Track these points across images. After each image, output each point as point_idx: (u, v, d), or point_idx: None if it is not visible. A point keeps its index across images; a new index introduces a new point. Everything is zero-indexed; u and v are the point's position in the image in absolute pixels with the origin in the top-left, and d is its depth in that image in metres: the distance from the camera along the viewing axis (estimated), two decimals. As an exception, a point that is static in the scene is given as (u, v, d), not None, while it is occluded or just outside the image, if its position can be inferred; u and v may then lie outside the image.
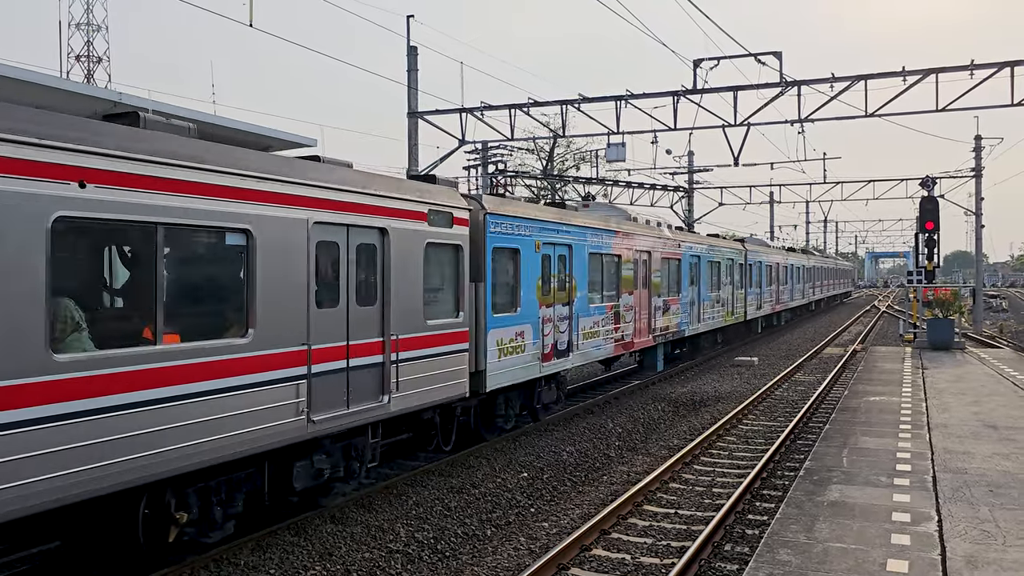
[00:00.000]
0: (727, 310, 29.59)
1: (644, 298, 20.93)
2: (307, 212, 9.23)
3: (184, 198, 7.75)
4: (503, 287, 14.08)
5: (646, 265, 20.98)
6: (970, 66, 21.78)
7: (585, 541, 9.59)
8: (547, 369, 15.42)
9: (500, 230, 13.81)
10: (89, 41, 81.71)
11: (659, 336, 22.18)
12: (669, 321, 22.76)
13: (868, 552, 7.41)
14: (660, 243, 22.03)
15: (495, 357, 13.50)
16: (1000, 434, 12.73)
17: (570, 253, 16.40)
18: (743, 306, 32.33)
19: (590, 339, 17.34)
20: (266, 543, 9.43)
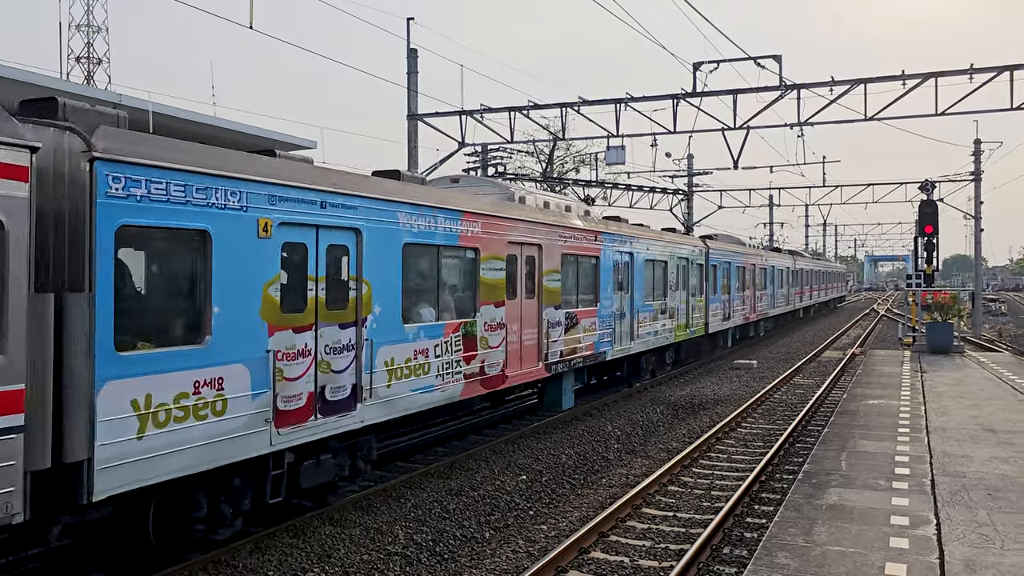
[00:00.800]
0: (679, 322, 23.98)
1: (529, 311, 15.09)
2: None
3: None
4: (151, 299, 8.11)
5: (532, 264, 15.24)
6: (969, 70, 21.80)
7: (583, 544, 9.59)
8: (292, 438, 9.29)
9: (142, 193, 7.60)
10: (89, 43, 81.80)
11: (561, 363, 16.27)
12: (578, 342, 16.99)
13: (866, 555, 7.42)
14: (559, 234, 16.23)
15: (126, 431, 7.40)
16: (999, 438, 12.73)
17: (358, 242, 10.45)
18: (703, 316, 26.56)
19: (404, 378, 11.33)
20: (265, 545, 9.43)
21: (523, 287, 14.92)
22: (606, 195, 41.86)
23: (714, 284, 27.98)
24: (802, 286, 49.24)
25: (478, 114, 25.98)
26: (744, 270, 32.67)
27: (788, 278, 43.51)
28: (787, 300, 43.44)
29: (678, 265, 23.98)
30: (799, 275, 47.88)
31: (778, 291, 40.49)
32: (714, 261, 28.01)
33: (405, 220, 11.37)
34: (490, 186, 17.15)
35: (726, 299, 29.69)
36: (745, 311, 33.18)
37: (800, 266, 48.36)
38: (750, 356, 30.54)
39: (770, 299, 38.39)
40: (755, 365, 27.87)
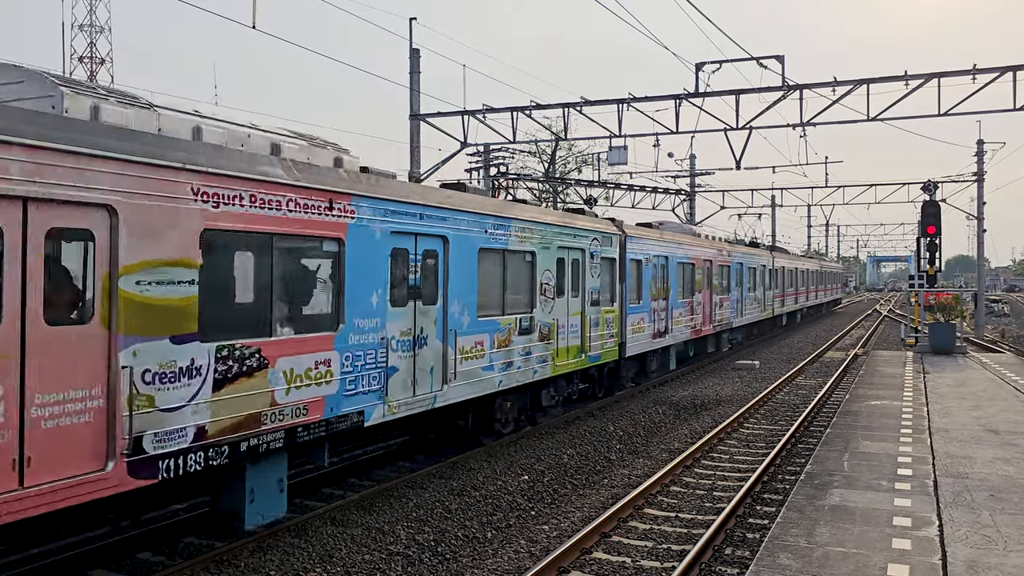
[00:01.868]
0: (566, 344, 16.34)
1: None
2: None
3: None
4: None
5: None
6: (972, 70, 21.77)
7: (585, 544, 9.59)
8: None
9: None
10: (92, 42, 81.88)
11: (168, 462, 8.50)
12: (234, 408, 8.64)
13: (869, 556, 7.41)
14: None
15: None
16: (1002, 439, 12.71)
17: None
18: (616, 334, 18.90)
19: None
20: (267, 544, 9.43)
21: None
22: (608, 195, 41.87)
23: (637, 287, 20.56)
24: (784, 288, 41.65)
25: (480, 114, 25.98)
26: (692, 268, 25.03)
27: (764, 279, 36.19)
28: (763, 305, 36.07)
29: (564, 259, 16.30)
30: (780, 275, 40.34)
31: (749, 295, 33.00)
32: (636, 255, 20.49)
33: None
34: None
35: (659, 307, 22.02)
36: (695, 322, 25.42)
37: (782, 264, 40.82)
38: (752, 357, 30.52)
39: (736, 305, 30.72)
40: (757, 366, 27.86)
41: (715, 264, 27.66)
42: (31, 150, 6.73)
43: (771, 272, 37.85)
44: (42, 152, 6.81)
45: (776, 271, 39.21)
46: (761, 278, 35.56)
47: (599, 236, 18.13)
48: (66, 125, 7.20)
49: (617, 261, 19.09)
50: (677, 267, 23.54)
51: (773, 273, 38.37)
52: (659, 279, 22.32)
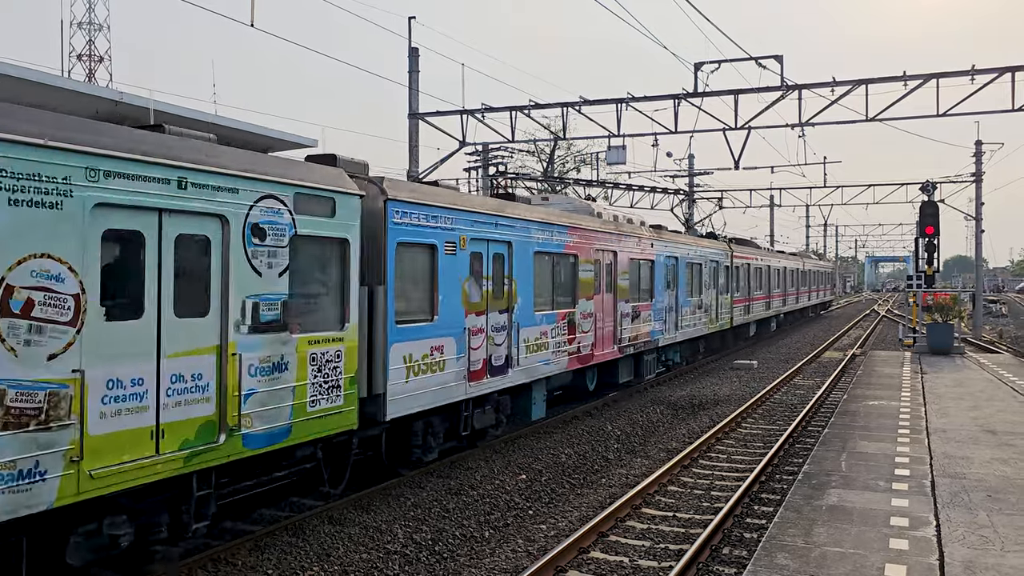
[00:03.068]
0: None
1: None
2: None
3: None
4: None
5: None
6: (971, 71, 21.78)
7: (583, 544, 9.59)
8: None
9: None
10: (91, 40, 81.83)
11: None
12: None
13: (866, 556, 7.41)
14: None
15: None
16: (999, 439, 12.72)
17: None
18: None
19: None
20: (264, 543, 9.42)
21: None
22: (607, 195, 41.89)
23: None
24: (750, 291, 33.72)
25: (479, 113, 25.97)
26: (572, 264, 16.90)
27: (716, 279, 28.14)
28: (714, 314, 27.87)
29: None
30: (743, 274, 32.57)
31: (690, 301, 24.78)
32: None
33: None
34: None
35: (492, 324, 13.75)
36: (579, 344, 17.05)
37: (745, 261, 33.04)
38: (750, 357, 30.53)
39: (667, 315, 22.47)
40: (755, 365, 27.87)
41: (625, 259, 19.37)
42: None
43: (730, 271, 30.30)
44: None
45: (738, 269, 31.82)
46: (712, 278, 27.67)
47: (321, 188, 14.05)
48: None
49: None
50: (535, 261, 15.10)
51: (733, 272, 30.86)
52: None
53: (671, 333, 23.18)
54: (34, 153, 6.64)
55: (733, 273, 30.86)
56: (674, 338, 23.66)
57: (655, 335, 21.68)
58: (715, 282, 28.21)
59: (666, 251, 22.70)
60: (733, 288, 30.77)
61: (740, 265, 32.35)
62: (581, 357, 17.19)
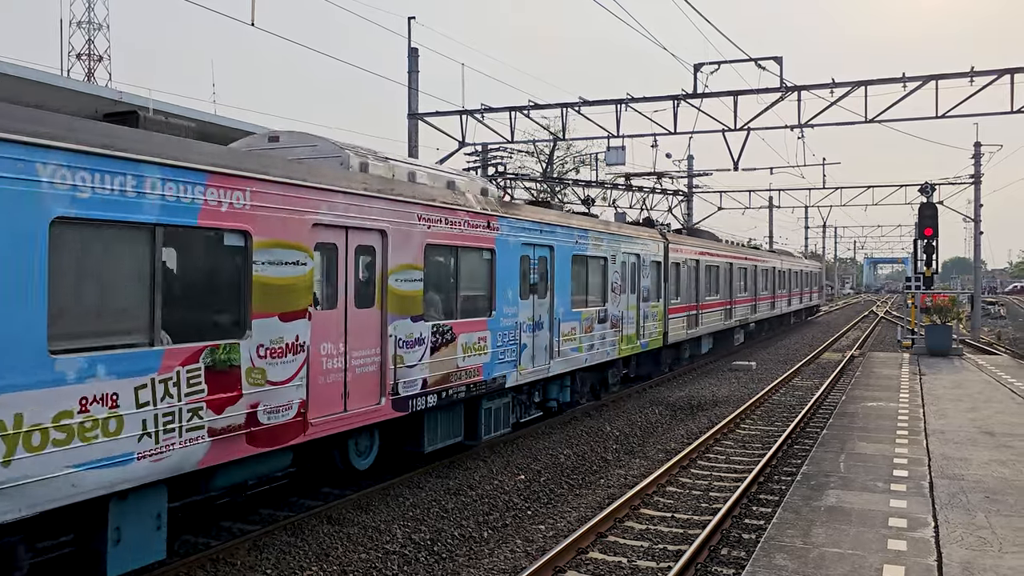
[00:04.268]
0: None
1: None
2: None
3: None
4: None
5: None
6: (970, 73, 21.80)
7: (581, 544, 9.60)
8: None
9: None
10: (90, 39, 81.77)
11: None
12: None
13: (864, 557, 7.42)
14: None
15: None
16: (997, 441, 12.74)
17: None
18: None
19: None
20: (263, 543, 9.43)
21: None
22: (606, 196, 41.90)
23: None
24: (698, 295, 25.93)
25: (478, 113, 25.98)
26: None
27: (633, 280, 20.21)
28: (628, 330, 19.77)
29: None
30: (686, 275, 24.85)
31: (569, 312, 16.48)
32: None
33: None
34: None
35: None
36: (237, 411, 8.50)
37: (692, 256, 25.37)
38: (749, 358, 30.55)
39: (510, 335, 14.20)
40: (754, 366, 27.89)
41: (409, 242, 11.43)
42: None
43: (664, 269, 22.53)
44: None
45: (678, 267, 23.95)
46: (630, 279, 19.88)
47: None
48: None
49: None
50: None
51: (670, 271, 23.13)
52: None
53: (538, 364, 15.11)
54: None
55: (669, 272, 23.16)
56: (544, 372, 15.36)
57: (496, 369, 13.64)
58: (634, 285, 20.15)
59: (523, 236, 14.52)
60: (669, 292, 23.05)
61: (682, 262, 24.30)
62: (254, 435, 8.68)
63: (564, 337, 16.18)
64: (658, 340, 22.29)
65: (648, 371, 23.63)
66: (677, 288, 24.05)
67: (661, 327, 22.44)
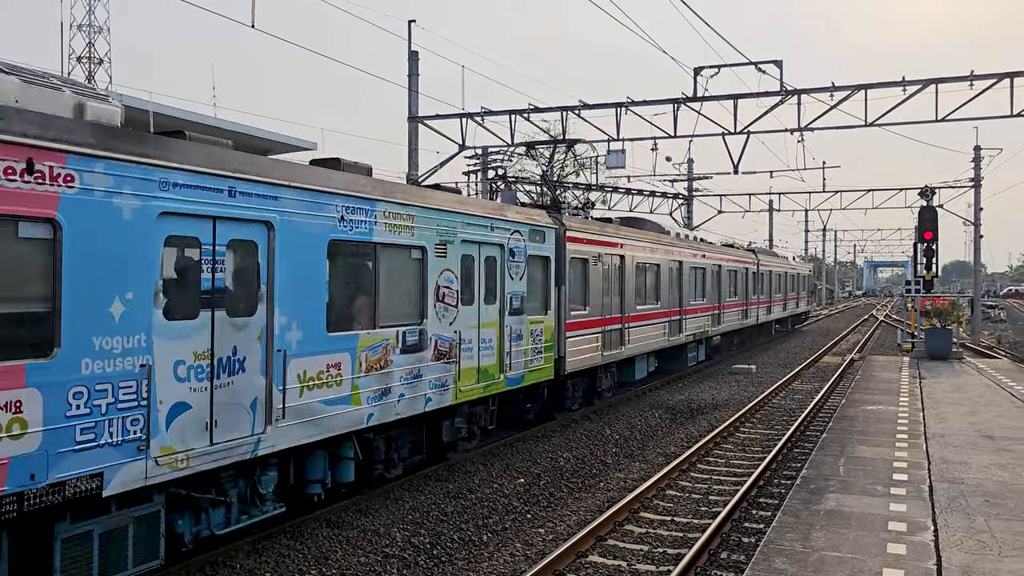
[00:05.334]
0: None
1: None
2: None
3: None
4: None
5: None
6: (970, 76, 21.81)
7: (581, 547, 9.59)
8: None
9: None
10: (91, 42, 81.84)
11: None
12: None
13: (864, 561, 7.42)
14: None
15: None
16: (997, 444, 12.74)
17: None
18: None
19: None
20: (262, 546, 9.42)
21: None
22: (606, 199, 41.92)
23: None
24: (624, 307, 19.69)
25: (479, 117, 25.99)
26: None
27: (481, 284, 13.35)
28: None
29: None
30: (603, 277, 18.48)
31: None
32: None
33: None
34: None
35: None
36: None
37: (602, 249, 18.42)
38: (748, 361, 30.54)
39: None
40: (754, 370, 27.88)
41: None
42: None
43: (555, 268, 16.05)
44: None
45: (584, 265, 17.42)
46: (481, 282, 13.43)
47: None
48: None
49: None
50: None
51: (565, 271, 16.39)
52: None
53: (226, 435, 8.43)
54: None
55: (566, 272, 16.32)
56: (248, 446, 8.72)
57: (65, 465, 6.80)
58: (493, 290, 13.73)
59: (167, 198, 7.83)
60: (565, 300, 16.23)
61: (592, 258, 17.63)
62: None
63: (310, 382, 9.51)
64: (546, 370, 15.58)
65: (527, 414, 16.29)
66: (584, 294, 17.40)
67: (552, 351, 15.81)
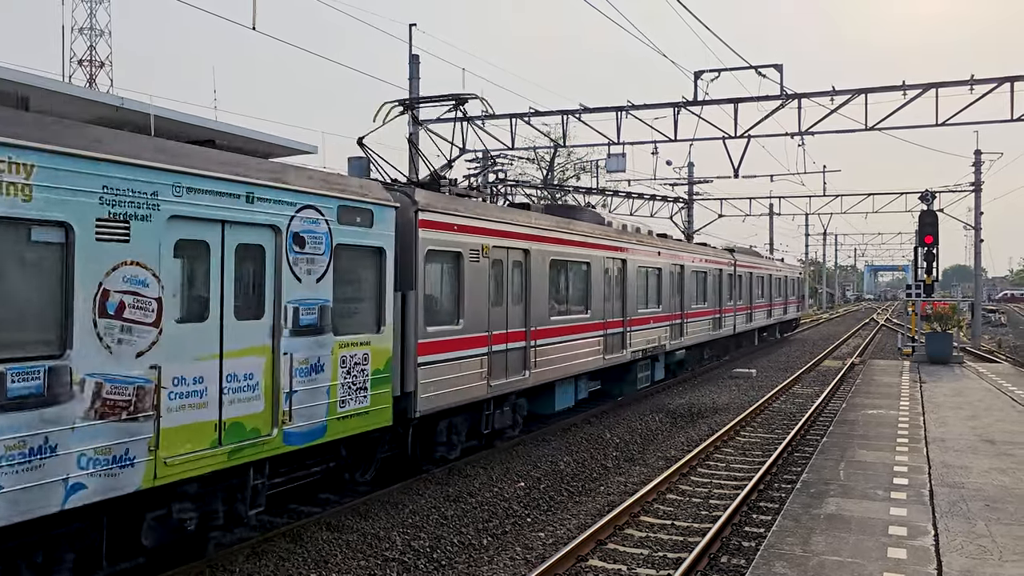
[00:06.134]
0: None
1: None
2: None
3: None
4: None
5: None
6: (970, 81, 21.84)
7: (581, 552, 9.58)
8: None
9: None
10: (92, 46, 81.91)
11: None
12: None
13: (864, 566, 7.41)
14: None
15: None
16: (997, 449, 12.73)
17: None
18: None
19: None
20: (262, 549, 9.41)
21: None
22: (606, 202, 41.94)
23: None
24: (528, 317, 14.56)
25: (479, 120, 26.01)
26: None
27: (236, 292, 8.44)
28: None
29: None
30: (480, 276, 13.09)
31: None
32: None
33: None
34: None
35: None
36: None
37: (483, 238, 13.18)
38: (749, 365, 30.53)
39: None
40: (754, 374, 27.87)
41: None
42: None
43: (397, 266, 11.23)
44: None
45: (457, 262, 12.67)
46: (233, 289, 8.43)
47: None
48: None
49: None
50: None
51: (420, 269, 11.64)
52: None
53: None
54: None
55: (421, 272, 11.80)
56: None
57: None
58: (262, 301, 8.93)
59: None
60: (418, 311, 11.68)
61: (463, 251, 12.81)
62: None
63: None
64: (376, 415, 10.63)
65: (363, 475, 11.53)
66: (456, 303, 12.57)
67: (389, 385, 10.92)
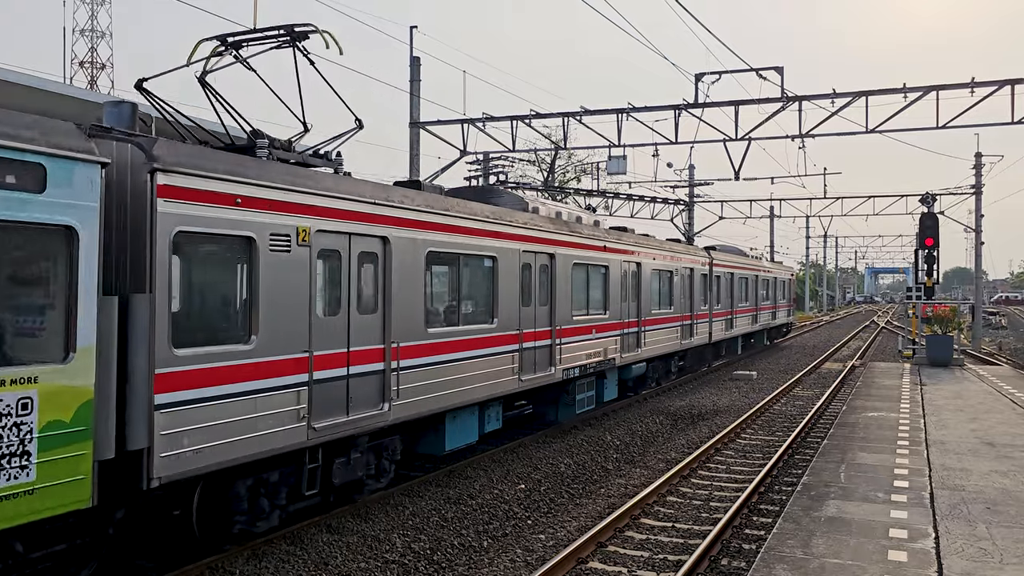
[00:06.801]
0: None
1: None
2: None
3: None
4: None
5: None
6: (970, 83, 21.86)
7: (582, 554, 9.57)
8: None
9: None
10: (93, 47, 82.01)
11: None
12: None
13: (865, 568, 7.40)
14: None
15: None
16: (998, 451, 12.72)
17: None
18: None
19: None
20: (262, 552, 9.41)
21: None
22: (607, 205, 41.95)
23: None
24: (309, 338, 9.23)
25: (480, 122, 26.04)
26: None
27: None
28: None
29: None
30: (374, 277, 10.52)
31: None
32: None
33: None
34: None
35: None
36: None
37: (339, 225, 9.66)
38: (749, 368, 30.52)
39: None
40: (755, 376, 27.86)
41: None
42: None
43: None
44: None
45: (191, 247, 7.92)
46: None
47: None
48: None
49: None
50: None
51: (261, 274, 8.63)
52: None
53: None
54: None
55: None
56: None
57: None
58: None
59: None
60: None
61: (333, 250, 9.77)
62: None
63: None
64: (55, 495, 6.56)
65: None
66: (248, 315, 8.66)
67: (87, 443, 6.82)
